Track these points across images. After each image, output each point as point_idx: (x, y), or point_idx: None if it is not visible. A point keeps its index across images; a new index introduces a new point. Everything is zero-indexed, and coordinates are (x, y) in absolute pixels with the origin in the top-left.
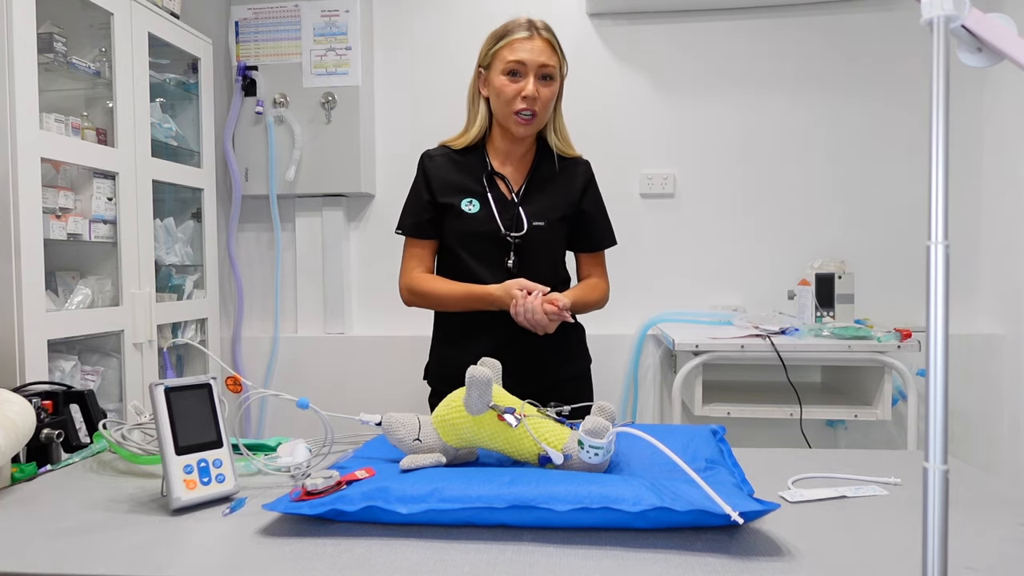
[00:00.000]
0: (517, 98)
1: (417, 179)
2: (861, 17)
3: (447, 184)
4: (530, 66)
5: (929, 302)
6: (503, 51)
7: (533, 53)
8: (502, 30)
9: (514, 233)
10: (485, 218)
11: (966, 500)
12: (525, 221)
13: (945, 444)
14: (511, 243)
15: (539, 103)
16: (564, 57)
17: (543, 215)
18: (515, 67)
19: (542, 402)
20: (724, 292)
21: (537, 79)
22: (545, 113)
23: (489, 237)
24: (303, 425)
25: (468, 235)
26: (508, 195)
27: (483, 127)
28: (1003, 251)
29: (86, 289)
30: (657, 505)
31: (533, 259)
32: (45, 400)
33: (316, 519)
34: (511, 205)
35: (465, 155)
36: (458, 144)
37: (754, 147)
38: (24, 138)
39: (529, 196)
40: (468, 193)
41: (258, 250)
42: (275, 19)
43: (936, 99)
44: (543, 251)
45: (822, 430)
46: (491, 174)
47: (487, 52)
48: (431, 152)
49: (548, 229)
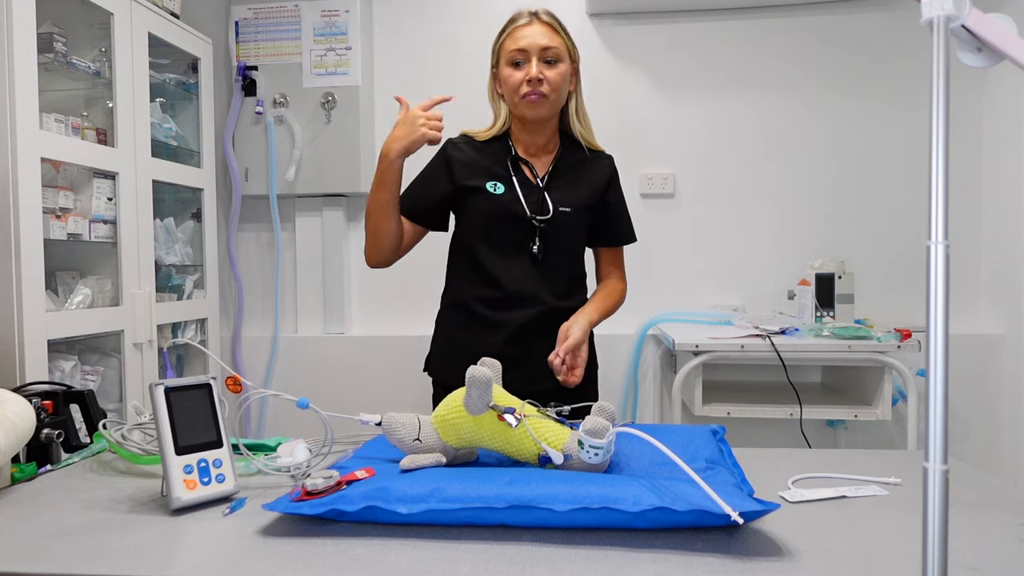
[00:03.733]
0: (522, 84)
1: (435, 164)
2: (861, 17)
3: (471, 167)
4: (531, 50)
5: (929, 302)
6: (506, 42)
7: (533, 37)
8: (505, 23)
9: (540, 216)
10: (510, 200)
11: (966, 500)
12: (551, 205)
13: (945, 444)
14: (536, 227)
15: (546, 84)
16: (571, 41)
17: (569, 201)
18: (517, 56)
19: (546, 403)
20: (724, 292)
21: (541, 62)
22: (556, 95)
23: (514, 220)
24: (303, 425)
25: (492, 218)
26: (533, 180)
27: (505, 122)
28: (1003, 251)
29: (86, 289)
30: (657, 505)
31: (557, 246)
32: (45, 400)
33: (316, 519)
34: (536, 189)
35: (489, 143)
36: (483, 136)
37: (754, 147)
38: (24, 138)
39: (554, 183)
40: (493, 176)
41: (258, 250)
42: (275, 19)
43: (936, 99)
44: (567, 239)
45: (822, 430)
46: (516, 159)
47: (494, 50)
48: (454, 140)
49: (574, 215)
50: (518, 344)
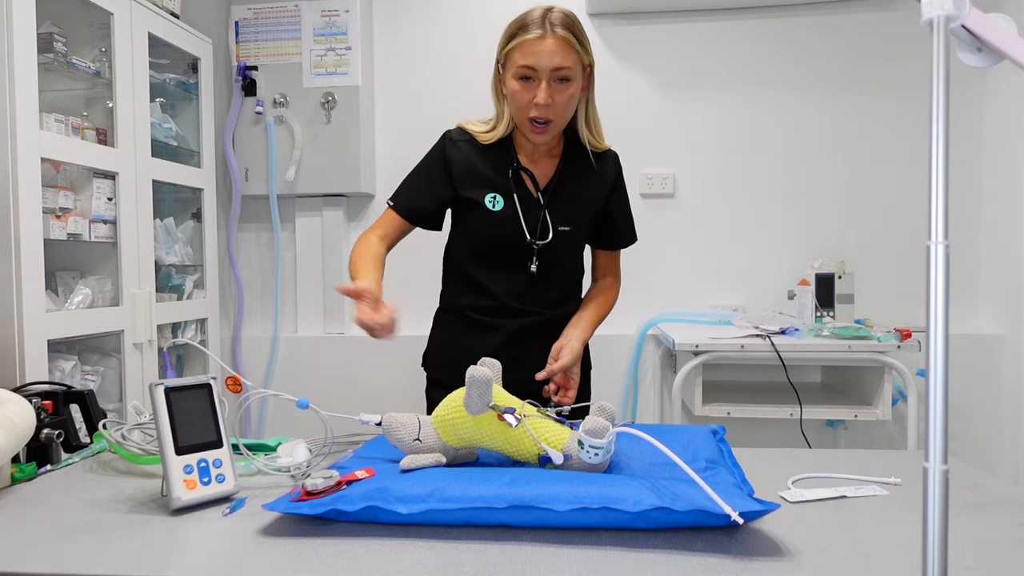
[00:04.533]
0: (530, 105)
1: (434, 160)
2: (861, 17)
3: (471, 175)
4: (542, 71)
5: (929, 302)
6: (515, 53)
7: (545, 56)
8: (515, 25)
9: (539, 241)
10: (509, 219)
11: (966, 500)
12: (551, 227)
13: (945, 444)
14: (535, 249)
15: (554, 109)
16: (586, 49)
17: (570, 219)
18: (526, 72)
19: (544, 403)
20: (724, 292)
21: (552, 83)
22: (563, 116)
23: (512, 240)
24: (303, 425)
25: (490, 234)
26: (534, 193)
27: (509, 124)
28: (1003, 251)
29: (86, 289)
30: (657, 505)
31: (555, 264)
32: (45, 400)
33: (316, 519)
34: (536, 206)
35: (492, 149)
36: (485, 139)
37: (754, 147)
38: (24, 138)
39: (556, 196)
40: (493, 188)
41: (258, 250)
42: (275, 19)
43: (936, 99)
44: (566, 256)
45: (822, 430)
46: (517, 170)
47: (501, 49)
48: (454, 136)
49: (573, 233)
50: (514, 348)
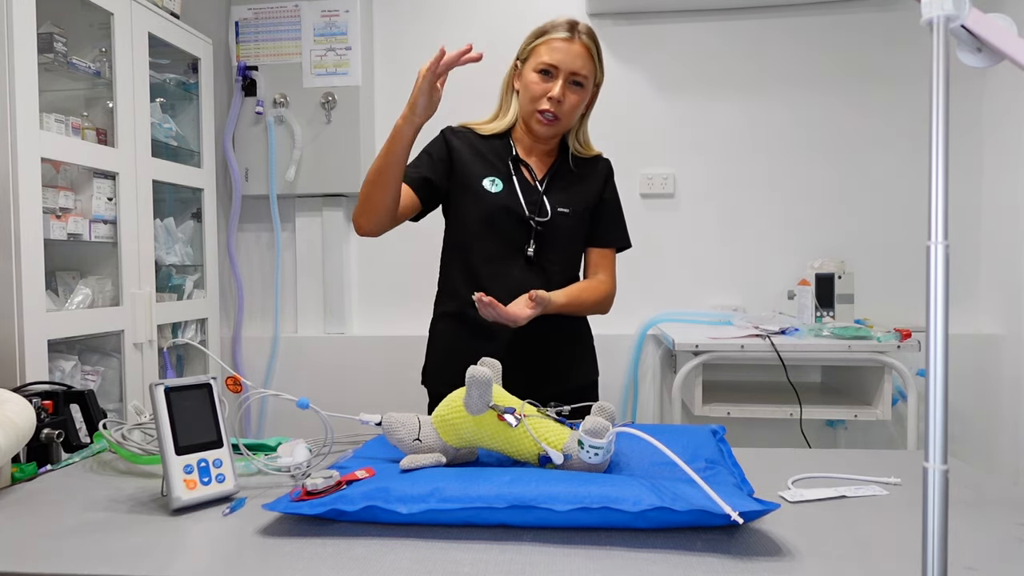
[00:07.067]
0: (543, 98)
1: (436, 145)
2: (861, 17)
3: (470, 161)
4: (562, 69)
5: (929, 302)
6: (540, 48)
7: (569, 56)
8: (544, 27)
9: (538, 218)
10: (508, 198)
11: (966, 500)
12: (549, 207)
13: (945, 444)
14: (533, 228)
15: (563, 107)
16: (601, 67)
17: (568, 202)
18: (548, 67)
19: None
20: (724, 292)
21: (567, 83)
22: (569, 119)
23: (511, 219)
24: (303, 425)
25: (489, 215)
26: (532, 181)
27: (514, 119)
28: (1003, 251)
29: (86, 289)
30: (657, 505)
31: (553, 248)
32: (45, 400)
33: (316, 519)
34: (534, 191)
35: (490, 140)
36: (485, 130)
37: (754, 147)
38: (24, 138)
39: (552, 186)
40: (492, 171)
41: (258, 250)
42: (275, 19)
43: (936, 99)
44: (564, 241)
45: (822, 430)
46: (516, 159)
47: (526, 47)
48: (454, 128)
49: (572, 217)
50: (515, 351)
